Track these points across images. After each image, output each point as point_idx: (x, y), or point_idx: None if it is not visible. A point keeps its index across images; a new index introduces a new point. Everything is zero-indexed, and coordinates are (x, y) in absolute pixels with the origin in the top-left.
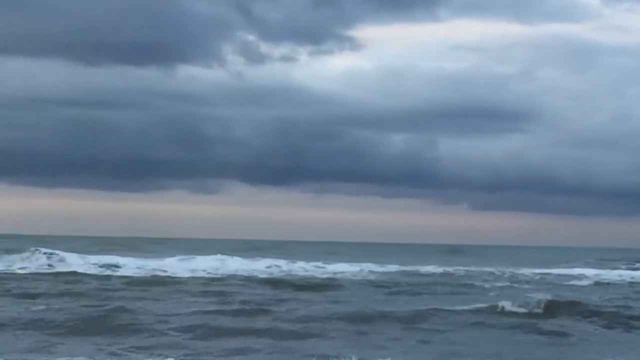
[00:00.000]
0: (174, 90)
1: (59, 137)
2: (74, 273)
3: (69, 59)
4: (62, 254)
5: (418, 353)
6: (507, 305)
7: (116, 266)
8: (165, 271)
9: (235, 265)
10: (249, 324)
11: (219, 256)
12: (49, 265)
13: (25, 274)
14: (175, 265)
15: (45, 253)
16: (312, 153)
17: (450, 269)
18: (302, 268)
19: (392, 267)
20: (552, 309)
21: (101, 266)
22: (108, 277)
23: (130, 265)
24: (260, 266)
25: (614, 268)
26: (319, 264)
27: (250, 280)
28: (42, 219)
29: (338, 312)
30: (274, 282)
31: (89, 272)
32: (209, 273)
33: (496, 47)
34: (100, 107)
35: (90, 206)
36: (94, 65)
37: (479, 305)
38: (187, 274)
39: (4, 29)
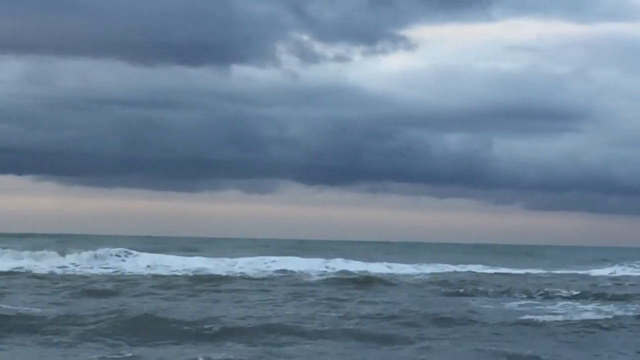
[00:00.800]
0: (228, 90)
1: (115, 138)
2: (218, 276)
3: (125, 59)
4: (143, 254)
5: None
6: None
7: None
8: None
9: (307, 265)
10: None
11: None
12: (148, 266)
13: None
14: (259, 265)
15: (121, 253)
16: (366, 153)
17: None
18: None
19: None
20: None
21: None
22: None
23: (211, 266)
24: (336, 265)
25: None
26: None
27: (342, 281)
28: (101, 219)
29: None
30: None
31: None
32: (285, 273)
33: (551, 46)
34: (156, 107)
35: (146, 206)
36: (150, 65)
37: None
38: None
39: (61, 30)
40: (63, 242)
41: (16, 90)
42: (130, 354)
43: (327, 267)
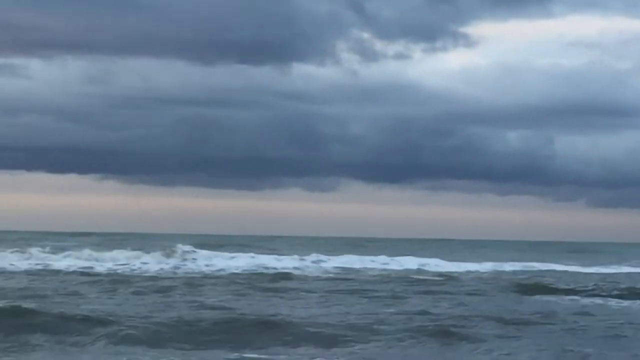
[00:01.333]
0: (289, 88)
1: (176, 137)
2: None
3: (185, 59)
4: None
5: None
6: None
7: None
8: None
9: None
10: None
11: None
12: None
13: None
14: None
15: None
16: (427, 150)
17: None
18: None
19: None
20: None
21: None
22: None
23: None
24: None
25: None
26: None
27: (409, 279)
28: (162, 217)
29: None
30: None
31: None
32: (350, 270)
33: (613, 42)
34: (217, 106)
35: (207, 204)
36: (211, 64)
37: None
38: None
39: (122, 30)
40: (125, 240)
41: (78, 90)
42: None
43: (401, 265)
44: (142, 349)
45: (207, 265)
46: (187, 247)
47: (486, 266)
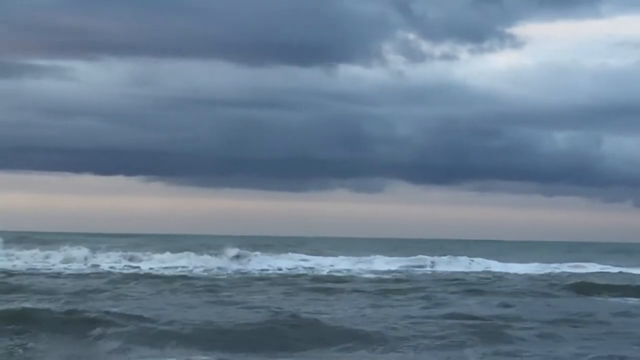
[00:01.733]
0: (336, 89)
1: (222, 138)
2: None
3: (231, 60)
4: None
5: None
6: None
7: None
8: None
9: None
10: None
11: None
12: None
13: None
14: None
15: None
16: (474, 151)
17: None
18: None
19: None
20: None
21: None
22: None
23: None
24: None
25: None
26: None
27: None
28: (208, 219)
29: None
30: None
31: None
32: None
33: None
34: (263, 107)
35: (253, 205)
36: (257, 65)
37: None
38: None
39: (168, 32)
40: (171, 241)
41: (124, 92)
42: None
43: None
44: (193, 350)
45: (260, 267)
46: (240, 250)
47: (533, 267)
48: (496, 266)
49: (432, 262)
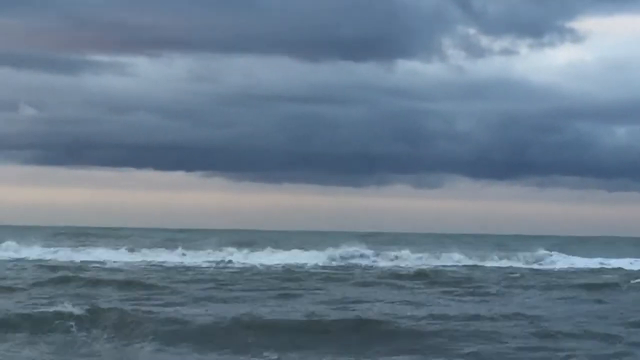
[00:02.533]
0: (394, 85)
1: (282, 133)
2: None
3: (290, 55)
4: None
5: None
6: None
7: None
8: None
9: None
10: None
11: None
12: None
13: None
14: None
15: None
16: (534, 146)
17: None
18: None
19: None
20: None
21: None
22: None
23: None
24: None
25: None
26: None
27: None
28: (268, 214)
29: None
30: None
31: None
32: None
33: None
34: (322, 103)
35: (313, 201)
36: (315, 61)
37: None
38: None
39: (227, 28)
40: (232, 236)
41: (183, 88)
42: None
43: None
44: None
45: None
46: (353, 246)
47: (595, 262)
48: (562, 260)
49: (501, 257)
